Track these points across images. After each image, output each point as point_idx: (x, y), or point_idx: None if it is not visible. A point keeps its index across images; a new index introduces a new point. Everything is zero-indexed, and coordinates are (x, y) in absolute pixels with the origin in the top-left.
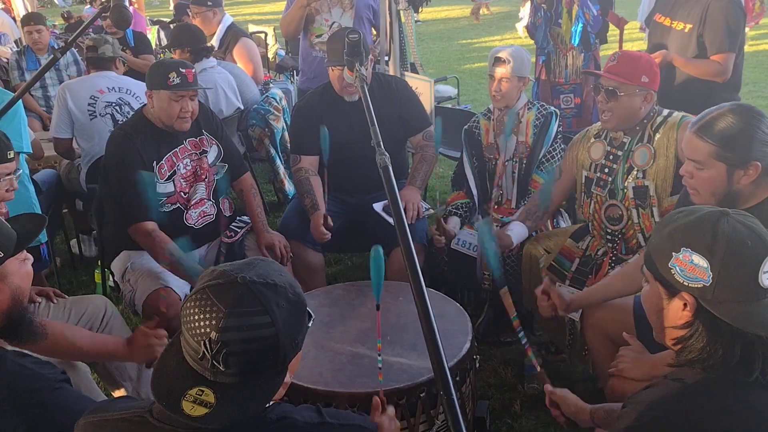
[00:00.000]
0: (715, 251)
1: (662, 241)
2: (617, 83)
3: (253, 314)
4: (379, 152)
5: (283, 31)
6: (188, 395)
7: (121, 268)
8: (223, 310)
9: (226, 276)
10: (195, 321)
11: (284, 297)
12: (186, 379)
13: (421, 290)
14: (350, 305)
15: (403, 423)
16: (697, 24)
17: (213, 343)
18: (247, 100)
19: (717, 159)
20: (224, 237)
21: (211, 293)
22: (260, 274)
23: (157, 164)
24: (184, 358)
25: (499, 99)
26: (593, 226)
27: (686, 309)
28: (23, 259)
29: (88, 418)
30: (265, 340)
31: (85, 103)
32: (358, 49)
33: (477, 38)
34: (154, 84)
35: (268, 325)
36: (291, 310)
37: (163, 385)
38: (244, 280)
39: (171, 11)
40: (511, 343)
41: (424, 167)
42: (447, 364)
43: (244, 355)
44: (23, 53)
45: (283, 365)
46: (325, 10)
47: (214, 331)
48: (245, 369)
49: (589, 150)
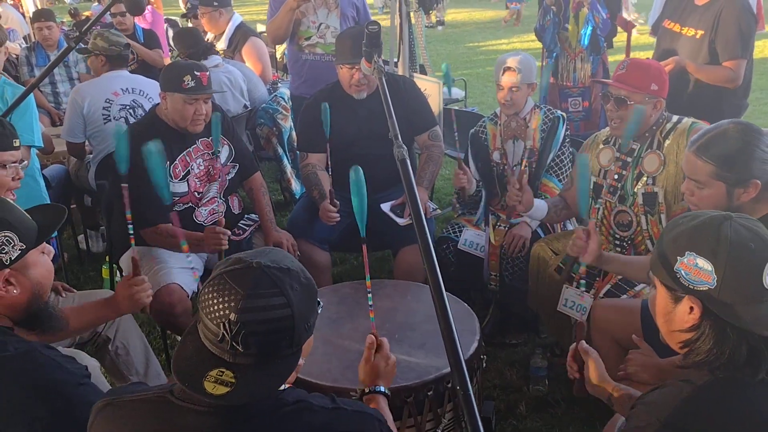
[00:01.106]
0: (719, 254)
1: (667, 245)
2: (627, 92)
3: (270, 296)
4: (396, 144)
5: (270, 37)
6: (209, 376)
7: (129, 264)
8: (242, 293)
9: (242, 262)
10: (214, 305)
11: (297, 280)
12: (206, 363)
13: (438, 285)
14: (358, 303)
15: (410, 421)
16: (709, 30)
17: (232, 324)
18: (255, 99)
19: (716, 178)
20: (232, 235)
21: (229, 278)
22: (273, 260)
23: (170, 165)
24: (203, 343)
25: (508, 107)
26: (601, 232)
27: (693, 312)
28: (42, 251)
29: (107, 399)
30: (281, 321)
31: (100, 107)
32: (378, 41)
33: (484, 41)
34: (169, 86)
35: (284, 305)
36: (304, 293)
37: (185, 368)
38: (260, 265)
39: (183, 10)
40: (517, 345)
41: (430, 167)
42: (460, 365)
43: (262, 336)
44: (33, 49)
45: (298, 346)
46: (311, 12)
47: (234, 312)
48: (263, 350)
49: (598, 156)
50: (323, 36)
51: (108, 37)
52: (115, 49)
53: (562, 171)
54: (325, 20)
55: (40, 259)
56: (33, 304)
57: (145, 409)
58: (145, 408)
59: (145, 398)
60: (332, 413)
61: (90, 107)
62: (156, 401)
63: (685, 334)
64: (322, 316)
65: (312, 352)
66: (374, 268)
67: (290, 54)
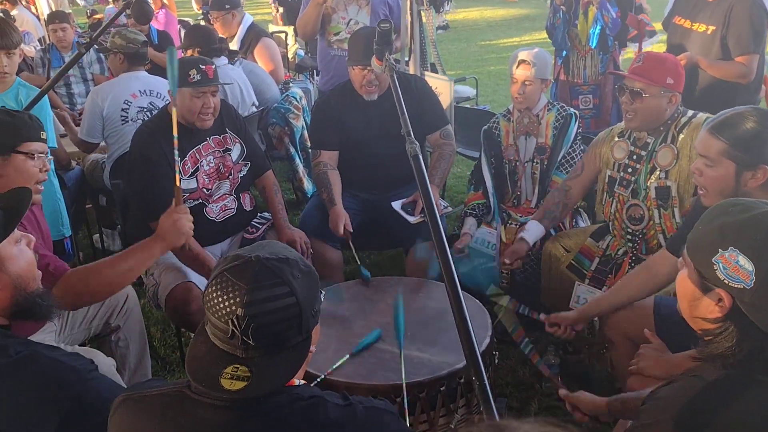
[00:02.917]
0: (763, 257)
1: (711, 233)
2: (642, 84)
3: (273, 286)
4: (409, 141)
5: (300, 32)
6: (225, 374)
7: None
8: (245, 287)
9: (241, 258)
10: (219, 303)
11: (297, 268)
12: (220, 361)
13: (453, 280)
14: (370, 300)
15: (422, 416)
16: (721, 26)
17: (240, 320)
18: (267, 99)
19: (727, 157)
20: (246, 233)
21: (230, 275)
22: (271, 252)
23: (180, 161)
24: (213, 343)
25: (521, 101)
26: (614, 225)
27: (720, 305)
28: (17, 241)
29: (126, 394)
30: (288, 309)
31: (119, 109)
32: (389, 38)
33: (496, 39)
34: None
35: (288, 294)
36: (306, 280)
37: (199, 370)
38: (258, 258)
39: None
40: (529, 343)
41: (442, 165)
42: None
43: (270, 327)
44: (48, 51)
45: (308, 333)
46: (342, 8)
47: (240, 307)
48: (274, 341)
49: (612, 149)
50: (352, 32)
51: (125, 34)
52: (133, 46)
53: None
54: (355, 16)
55: (14, 251)
56: (18, 298)
57: (164, 403)
58: (163, 402)
59: (163, 392)
60: (345, 409)
61: (110, 108)
62: (174, 396)
63: (706, 324)
64: (334, 314)
65: (324, 348)
66: (386, 266)
67: (320, 50)
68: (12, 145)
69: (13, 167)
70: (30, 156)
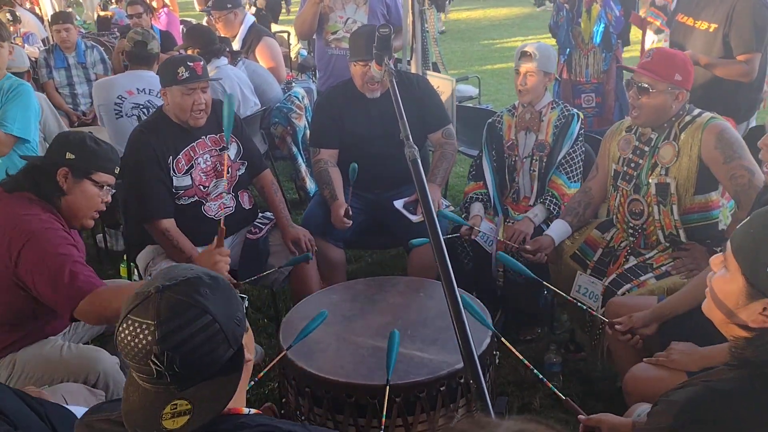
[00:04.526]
0: None
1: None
2: (650, 80)
3: (182, 312)
4: (407, 145)
5: (297, 30)
6: (165, 415)
7: (145, 262)
8: (152, 323)
9: (140, 296)
10: (133, 347)
11: (203, 285)
12: (156, 404)
13: (450, 282)
14: (371, 300)
15: (422, 416)
16: (723, 24)
17: (159, 357)
18: (269, 99)
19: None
20: (249, 234)
21: (134, 316)
22: (170, 278)
23: (173, 159)
24: (144, 388)
25: (524, 93)
26: (617, 219)
27: (764, 314)
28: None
29: (82, 419)
30: (206, 329)
31: (112, 103)
32: (388, 43)
33: (499, 39)
34: (166, 81)
35: (200, 314)
36: (216, 293)
37: (138, 420)
38: (158, 289)
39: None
40: (531, 341)
41: (444, 164)
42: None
43: (195, 352)
44: (51, 51)
45: (237, 344)
46: (339, 7)
47: (154, 345)
48: (202, 364)
49: (618, 143)
50: (350, 31)
51: (132, 36)
52: (134, 49)
53: (573, 169)
54: (353, 15)
55: None
56: None
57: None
58: (106, 429)
59: (109, 419)
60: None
61: (100, 101)
62: (117, 422)
63: (743, 331)
64: (335, 313)
65: (325, 348)
66: (388, 265)
67: (318, 49)
68: (88, 171)
69: (80, 190)
70: (99, 186)
